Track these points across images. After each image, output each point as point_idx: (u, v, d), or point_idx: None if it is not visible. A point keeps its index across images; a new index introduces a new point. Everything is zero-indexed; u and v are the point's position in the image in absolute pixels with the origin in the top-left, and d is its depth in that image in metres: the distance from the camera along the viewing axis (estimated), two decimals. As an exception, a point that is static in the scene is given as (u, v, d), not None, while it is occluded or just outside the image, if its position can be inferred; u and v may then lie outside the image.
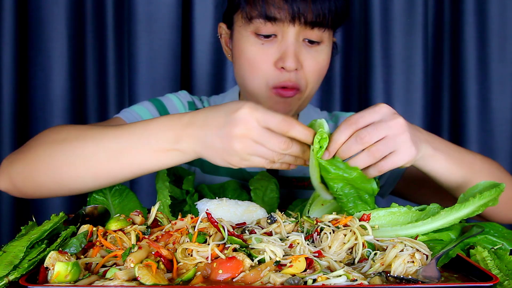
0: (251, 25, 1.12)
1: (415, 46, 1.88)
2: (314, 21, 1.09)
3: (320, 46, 1.15)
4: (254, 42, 1.13)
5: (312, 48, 1.14)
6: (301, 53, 1.13)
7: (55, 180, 0.98)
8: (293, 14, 1.07)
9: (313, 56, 1.14)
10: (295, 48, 1.11)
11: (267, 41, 1.12)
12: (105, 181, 0.98)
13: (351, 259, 0.76)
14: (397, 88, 1.90)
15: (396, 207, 0.89)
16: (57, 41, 1.84)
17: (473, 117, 1.92)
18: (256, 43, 1.13)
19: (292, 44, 1.11)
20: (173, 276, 0.68)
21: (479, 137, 1.93)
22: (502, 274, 0.72)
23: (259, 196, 1.08)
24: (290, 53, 1.10)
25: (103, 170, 0.96)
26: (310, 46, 1.14)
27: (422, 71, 1.89)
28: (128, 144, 0.94)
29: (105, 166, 0.95)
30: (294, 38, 1.11)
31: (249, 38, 1.13)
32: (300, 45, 1.12)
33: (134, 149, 0.93)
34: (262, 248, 0.71)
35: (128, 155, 0.94)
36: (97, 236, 0.79)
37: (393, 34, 1.88)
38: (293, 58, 1.10)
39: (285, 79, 1.13)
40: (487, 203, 0.87)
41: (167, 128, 0.92)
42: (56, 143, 0.99)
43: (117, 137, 0.95)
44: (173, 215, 0.98)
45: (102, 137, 0.96)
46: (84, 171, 0.97)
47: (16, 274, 0.68)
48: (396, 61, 1.89)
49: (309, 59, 1.14)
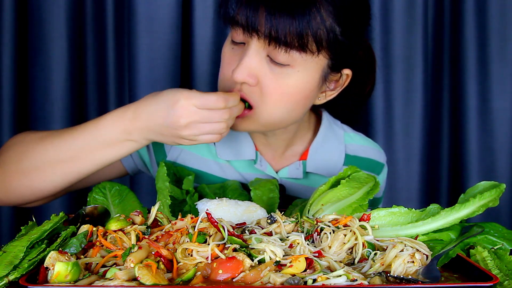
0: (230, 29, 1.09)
1: (415, 46, 1.88)
2: (268, 36, 0.96)
3: (286, 68, 1.01)
4: (228, 46, 1.09)
5: (276, 68, 1.02)
6: (260, 69, 1.02)
7: (26, 185, 1.07)
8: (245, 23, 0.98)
9: (276, 77, 1.02)
10: (251, 61, 1.01)
11: (237, 47, 1.06)
12: (74, 178, 1.08)
13: (351, 259, 0.76)
14: (397, 88, 1.90)
15: (397, 207, 0.89)
16: (57, 41, 1.84)
17: (473, 117, 1.92)
18: (228, 47, 1.09)
19: (248, 55, 1.01)
20: (173, 276, 0.68)
21: (479, 137, 1.93)
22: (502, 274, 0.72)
23: (259, 196, 1.07)
24: (241, 64, 1.01)
25: (69, 169, 1.06)
26: (274, 65, 1.01)
27: (422, 71, 1.89)
28: (85, 143, 1.05)
29: (70, 166, 1.05)
30: (253, 50, 1.01)
31: (227, 41, 1.11)
32: (262, 60, 1.01)
33: (91, 146, 1.04)
34: (262, 248, 0.71)
35: (87, 153, 1.05)
36: (97, 236, 0.79)
37: (393, 34, 1.88)
38: (243, 70, 1.00)
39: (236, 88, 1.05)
40: (487, 204, 0.87)
41: (116, 124, 1.03)
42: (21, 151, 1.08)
43: (74, 138, 1.05)
44: (173, 215, 0.98)
45: (60, 140, 1.06)
46: (52, 174, 1.06)
47: (16, 274, 0.68)
48: (396, 61, 1.89)
49: (269, 78, 1.02)
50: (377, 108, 1.90)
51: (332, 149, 1.29)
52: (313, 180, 1.26)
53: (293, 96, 1.05)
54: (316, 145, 1.27)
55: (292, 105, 1.07)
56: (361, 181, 0.96)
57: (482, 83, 1.91)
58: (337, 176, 0.99)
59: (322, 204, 0.94)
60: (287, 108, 1.07)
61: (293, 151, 1.28)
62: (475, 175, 1.92)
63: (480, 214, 0.87)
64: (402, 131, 1.91)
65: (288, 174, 1.24)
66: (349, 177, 0.97)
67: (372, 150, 1.35)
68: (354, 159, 1.31)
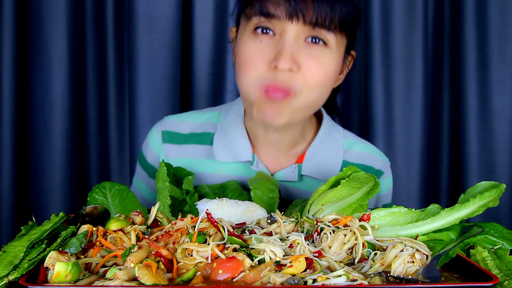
0: (250, 23, 1.09)
1: (415, 46, 1.88)
2: (314, 20, 1.04)
3: (325, 48, 1.08)
4: (253, 41, 1.09)
5: (314, 48, 1.08)
6: (300, 53, 1.06)
7: None
8: (291, 11, 1.04)
9: (315, 57, 1.08)
10: (292, 48, 1.06)
11: (264, 39, 1.08)
12: None
13: (351, 259, 0.76)
14: (397, 88, 1.90)
15: (397, 207, 0.89)
16: (57, 41, 1.84)
17: (473, 117, 1.92)
18: (254, 42, 1.09)
19: (288, 42, 1.06)
20: (173, 276, 0.68)
21: (479, 137, 1.93)
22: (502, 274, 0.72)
23: (259, 196, 1.07)
24: (285, 52, 1.05)
25: None
26: (313, 45, 1.08)
27: (422, 71, 1.89)
28: None
29: None
30: (292, 37, 1.06)
31: (249, 38, 1.10)
32: (299, 45, 1.07)
33: None
34: (262, 248, 0.71)
35: None
36: (97, 236, 0.79)
37: (393, 34, 1.88)
38: (288, 58, 1.04)
39: (277, 79, 1.06)
40: (487, 204, 0.87)
41: None
42: None
43: None
44: (173, 215, 0.98)
45: None
46: None
47: (16, 274, 0.68)
48: (396, 61, 1.89)
49: (310, 60, 1.07)
50: (377, 108, 1.90)
51: (329, 154, 1.28)
52: (308, 183, 1.26)
53: (329, 75, 1.11)
54: (314, 148, 1.26)
55: (326, 86, 1.13)
56: (361, 181, 0.96)
57: (482, 83, 1.91)
58: (337, 176, 0.99)
59: (322, 204, 0.94)
60: (322, 90, 1.12)
61: (296, 151, 1.27)
62: (475, 175, 1.92)
63: (480, 214, 0.87)
64: (402, 131, 1.91)
65: (283, 177, 1.24)
66: (349, 177, 0.97)
67: (371, 157, 1.33)
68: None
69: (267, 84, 1.07)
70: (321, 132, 1.28)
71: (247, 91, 1.11)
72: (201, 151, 1.27)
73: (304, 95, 1.09)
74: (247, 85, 1.10)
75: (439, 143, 1.99)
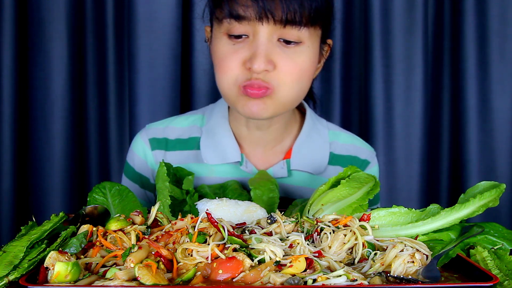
0: (222, 26, 1.10)
1: (415, 46, 1.88)
2: (284, 19, 1.04)
3: (299, 46, 1.09)
4: (226, 43, 1.10)
5: (289, 49, 1.09)
6: (275, 53, 1.07)
7: None
8: (260, 12, 1.03)
9: (290, 57, 1.09)
10: (267, 49, 1.06)
11: (238, 42, 1.09)
12: None
13: (351, 259, 0.76)
14: (397, 88, 1.90)
15: (397, 207, 0.89)
16: (57, 41, 1.84)
17: (473, 117, 1.92)
18: (227, 43, 1.10)
19: (262, 44, 1.06)
20: (173, 276, 0.68)
21: (479, 137, 1.93)
22: (502, 274, 0.72)
23: (259, 196, 1.07)
24: (259, 54, 1.05)
25: None
26: (287, 46, 1.08)
27: (422, 71, 1.89)
28: None
29: None
30: (265, 38, 1.06)
31: (222, 39, 1.11)
32: (274, 45, 1.07)
33: None
34: (262, 248, 0.71)
35: None
36: (97, 236, 0.79)
37: (393, 34, 1.88)
38: (262, 59, 1.05)
39: (253, 77, 1.08)
40: (488, 204, 0.87)
41: None
42: None
43: None
44: (173, 215, 0.98)
45: None
46: None
47: (16, 274, 0.68)
48: (396, 61, 1.89)
49: (285, 59, 1.08)
50: (377, 108, 1.90)
51: (316, 146, 1.29)
52: (298, 178, 1.27)
53: (305, 71, 1.12)
54: (300, 142, 1.27)
55: (305, 81, 1.14)
56: (361, 181, 0.96)
57: (482, 83, 1.91)
58: (337, 176, 0.99)
59: (322, 204, 0.94)
60: (301, 85, 1.14)
61: (282, 147, 1.28)
62: (475, 175, 1.92)
63: (480, 214, 0.87)
64: (402, 131, 1.91)
65: (273, 174, 1.24)
66: (349, 177, 0.97)
67: (356, 147, 1.34)
68: (338, 157, 1.31)
69: (245, 84, 1.09)
70: (305, 125, 1.29)
71: (227, 92, 1.14)
72: (189, 156, 1.27)
73: (282, 91, 1.11)
74: (226, 85, 1.13)
75: (439, 143, 1.99)
